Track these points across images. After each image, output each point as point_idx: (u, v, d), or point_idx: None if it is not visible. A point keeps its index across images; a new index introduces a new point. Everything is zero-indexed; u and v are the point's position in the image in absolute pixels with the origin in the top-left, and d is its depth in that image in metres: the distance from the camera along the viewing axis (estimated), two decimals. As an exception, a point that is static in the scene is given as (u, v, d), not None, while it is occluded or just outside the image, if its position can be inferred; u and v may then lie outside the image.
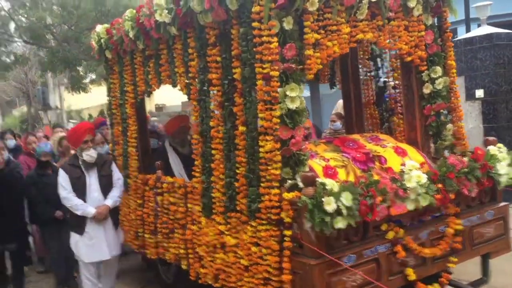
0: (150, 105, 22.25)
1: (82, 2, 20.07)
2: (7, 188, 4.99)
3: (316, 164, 3.41)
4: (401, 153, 3.75)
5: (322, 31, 3.28)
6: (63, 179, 4.56)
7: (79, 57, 20.61)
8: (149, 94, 4.70)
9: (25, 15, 20.07)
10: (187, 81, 3.94)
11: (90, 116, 26.87)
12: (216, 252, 3.67)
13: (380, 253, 3.14)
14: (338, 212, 2.86)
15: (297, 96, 3.14)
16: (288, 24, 3.13)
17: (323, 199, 2.83)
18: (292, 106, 3.12)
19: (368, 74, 4.70)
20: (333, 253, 2.95)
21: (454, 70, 3.97)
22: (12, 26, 20.43)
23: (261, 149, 3.18)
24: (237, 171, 3.42)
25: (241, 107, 3.37)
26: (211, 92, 3.69)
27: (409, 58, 3.71)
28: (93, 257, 4.64)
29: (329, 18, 3.31)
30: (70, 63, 21.06)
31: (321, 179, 3.02)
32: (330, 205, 2.82)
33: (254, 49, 3.16)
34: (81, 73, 23.05)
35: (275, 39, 3.08)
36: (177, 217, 4.23)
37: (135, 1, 21.59)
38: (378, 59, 4.55)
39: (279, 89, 3.09)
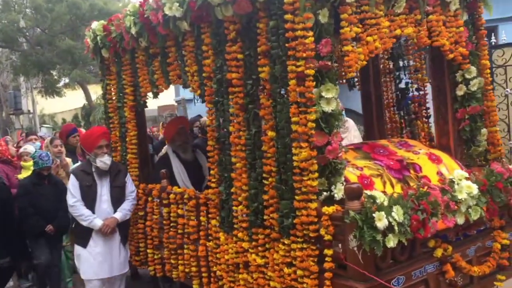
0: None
1: (56, 5, 19.50)
2: None
3: (350, 173, 3.08)
4: (436, 160, 3.45)
5: (360, 25, 2.95)
6: (73, 185, 4.12)
7: (53, 61, 20.09)
8: (156, 95, 4.30)
9: (-3, 18, 19.44)
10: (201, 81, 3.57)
11: (64, 120, 26.15)
12: (238, 272, 3.30)
13: (429, 274, 2.82)
14: (389, 228, 2.53)
15: (333, 97, 2.81)
16: (324, 17, 2.79)
17: (374, 214, 2.50)
18: (328, 108, 2.78)
19: (388, 75, 4.40)
20: (381, 275, 2.61)
21: (488, 71, 3.70)
22: (-16, 28, 19.75)
23: (295, 157, 2.83)
24: (265, 182, 3.06)
25: (270, 110, 3.01)
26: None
27: (451, 55, 3.42)
28: (93, 273, 4.10)
29: (367, 10, 3.00)
30: (44, 67, 20.51)
31: (369, 191, 2.68)
32: (381, 221, 2.49)
33: (287, 44, 2.81)
34: (55, 77, 22.49)
35: (311, 33, 2.74)
36: (187, 231, 3.84)
37: (111, 5, 21.10)
38: (400, 59, 4.25)
39: (314, 90, 2.75)
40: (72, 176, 4.19)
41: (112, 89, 4.61)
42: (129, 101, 4.39)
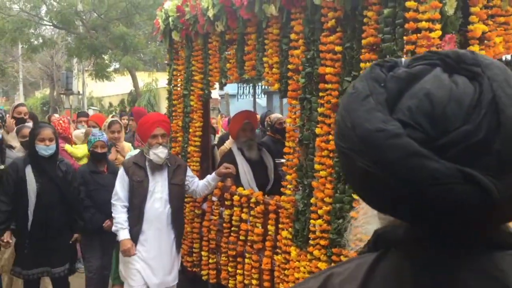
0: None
1: (113, -8, 19.69)
2: (63, 189, 3.77)
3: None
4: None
5: (490, 22, 2.48)
6: (120, 181, 3.58)
7: (105, 46, 20.35)
8: (223, 86, 3.94)
9: (57, 0, 19.84)
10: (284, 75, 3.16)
11: (110, 104, 26.44)
12: (311, 295, 2.88)
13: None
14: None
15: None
16: (451, 7, 2.33)
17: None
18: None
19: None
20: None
21: None
22: (43, 9, 20.20)
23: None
24: (354, 196, 2.62)
25: (372, 113, 2.57)
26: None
27: None
28: (138, 280, 3.52)
29: (498, 6, 2.52)
30: (96, 51, 20.82)
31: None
32: None
33: (405, 37, 2.36)
34: (106, 61, 22.78)
35: (438, 26, 2.29)
36: (250, 238, 3.45)
37: (166, -8, 21.17)
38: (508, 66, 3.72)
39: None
40: (121, 170, 3.65)
41: (179, 75, 4.28)
42: (197, 89, 4.04)
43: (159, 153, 3.54)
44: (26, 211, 3.65)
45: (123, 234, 3.48)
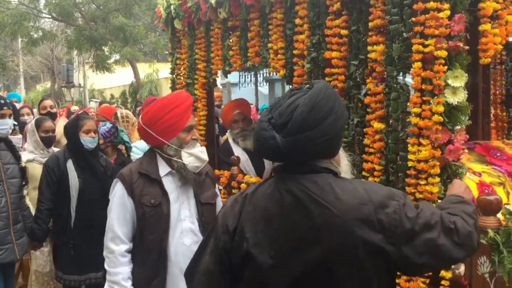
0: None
1: (112, -18, 19.58)
2: (105, 184, 3.33)
3: (468, 180, 2.57)
4: None
5: (501, 0, 2.42)
6: (119, 206, 2.34)
7: (105, 37, 20.30)
8: (227, 74, 3.89)
9: (55, -8, 19.75)
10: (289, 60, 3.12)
11: (112, 96, 26.39)
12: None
13: None
14: (533, 254, 2.03)
15: (461, 87, 2.31)
16: (460, -14, 2.28)
17: (518, 235, 2.00)
18: (454, 100, 2.29)
19: (498, 66, 3.82)
20: (514, 309, 2.12)
21: None
22: (42, 2, 20.13)
23: (411, 156, 2.35)
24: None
25: (380, 97, 2.53)
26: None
27: None
28: None
29: (508, -16, 2.46)
30: (96, 42, 20.76)
31: (510, 206, 2.18)
32: (529, 245, 1.99)
33: (413, 18, 2.31)
34: (106, 53, 22.73)
35: (447, 5, 2.23)
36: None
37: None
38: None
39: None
40: (118, 186, 2.35)
41: (182, 64, 4.23)
42: (200, 77, 4.00)
43: (200, 153, 2.38)
44: (69, 209, 3.42)
45: None
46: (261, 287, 1.46)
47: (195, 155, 2.36)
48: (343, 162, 1.56)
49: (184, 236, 2.35)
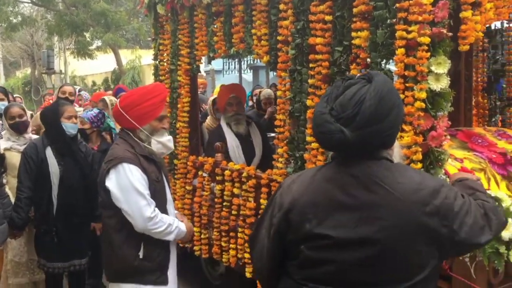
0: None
1: (93, -34, 19.23)
2: (86, 171, 3.52)
3: (450, 166, 2.61)
4: (543, 156, 2.95)
5: (482, -12, 2.44)
6: (140, 181, 2.54)
7: (86, 23, 19.98)
8: (211, 60, 3.86)
9: (34, -24, 19.30)
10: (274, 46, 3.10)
11: (94, 83, 26.04)
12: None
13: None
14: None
15: (444, 73, 2.33)
16: (443, -27, 2.29)
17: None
18: (437, 86, 2.31)
19: (480, 53, 3.86)
20: (494, 292, 2.17)
21: None
22: (20, -14, 19.67)
23: (394, 142, 2.37)
24: (348, 167, 2.61)
25: (364, 83, 2.53)
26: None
27: None
28: None
29: (490, -29, 2.48)
30: (77, 28, 20.43)
31: (491, 191, 2.22)
32: (508, 230, 2.04)
33: (397, 4, 2.32)
34: (88, 39, 22.37)
35: (430, -8, 2.24)
36: (242, 213, 3.44)
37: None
38: (498, 35, 3.69)
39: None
40: (133, 168, 2.54)
41: (165, 49, 4.18)
42: (184, 64, 3.96)
43: (167, 141, 2.71)
44: (51, 196, 3.41)
45: (182, 225, 2.73)
46: (323, 265, 1.51)
47: (163, 143, 2.68)
48: (396, 150, 1.63)
49: (169, 205, 2.79)
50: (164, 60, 4.23)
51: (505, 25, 3.71)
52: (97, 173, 2.95)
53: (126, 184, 2.51)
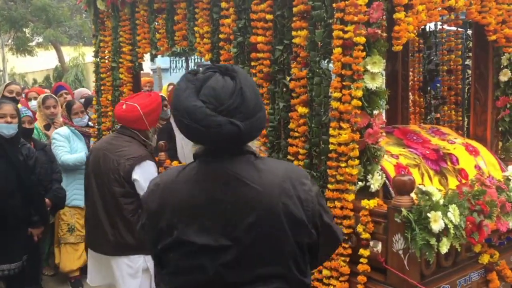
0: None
1: (32, -42, 18.55)
2: (23, 175, 3.41)
3: (386, 162, 2.69)
4: (473, 152, 3.10)
5: (415, -9, 2.53)
6: (157, 173, 3.02)
7: (26, 18, 19.24)
8: (153, 58, 3.79)
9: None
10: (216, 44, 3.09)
11: (35, 81, 25.03)
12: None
13: (473, 282, 2.49)
14: (443, 231, 2.16)
15: (379, 72, 2.40)
16: (378, -25, 2.35)
17: (429, 214, 2.13)
18: (373, 85, 2.38)
19: (416, 54, 4.00)
20: (425, 284, 2.26)
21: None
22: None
23: (332, 140, 2.42)
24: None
25: (304, 82, 2.57)
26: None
27: (493, 37, 3.04)
28: None
29: (421, -26, 2.57)
30: (16, 23, 19.63)
31: (423, 186, 2.30)
32: (437, 222, 2.12)
33: (334, 5, 2.37)
34: (28, 35, 21.53)
35: (365, -7, 2.31)
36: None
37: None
38: (432, 37, 3.83)
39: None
40: (153, 164, 3.04)
41: (106, 46, 4.07)
42: (126, 61, 3.86)
43: (154, 139, 3.28)
44: None
45: None
46: (194, 270, 1.45)
47: (154, 140, 3.26)
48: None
49: None
50: (106, 57, 4.11)
51: (439, 26, 3.88)
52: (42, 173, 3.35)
53: (150, 177, 2.61)
